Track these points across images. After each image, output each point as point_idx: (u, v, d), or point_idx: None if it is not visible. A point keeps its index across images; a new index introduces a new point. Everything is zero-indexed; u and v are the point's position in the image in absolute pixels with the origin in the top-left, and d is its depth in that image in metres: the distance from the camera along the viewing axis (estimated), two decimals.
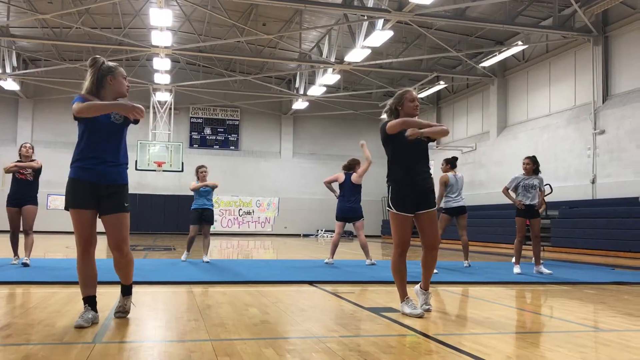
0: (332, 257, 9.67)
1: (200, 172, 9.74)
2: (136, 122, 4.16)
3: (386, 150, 4.92)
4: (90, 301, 4.05)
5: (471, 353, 3.31)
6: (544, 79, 19.77)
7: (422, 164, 4.83)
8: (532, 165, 8.56)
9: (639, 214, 10.90)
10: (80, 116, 3.94)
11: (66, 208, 4.08)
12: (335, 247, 9.76)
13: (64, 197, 4.10)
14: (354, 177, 9.65)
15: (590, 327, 4.53)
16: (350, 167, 9.76)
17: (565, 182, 17.50)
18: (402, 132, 4.75)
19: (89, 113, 3.93)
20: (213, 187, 9.77)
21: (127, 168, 4.22)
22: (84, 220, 4.01)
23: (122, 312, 4.26)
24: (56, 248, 14.25)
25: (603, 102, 16.76)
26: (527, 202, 8.46)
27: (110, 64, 4.22)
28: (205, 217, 9.62)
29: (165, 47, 19.05)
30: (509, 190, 8.68)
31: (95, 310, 4.06)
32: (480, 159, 22.97)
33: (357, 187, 9.72)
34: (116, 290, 4.51)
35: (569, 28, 17.20)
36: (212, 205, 9.79)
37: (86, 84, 4.16)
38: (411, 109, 4.81)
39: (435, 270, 5.35)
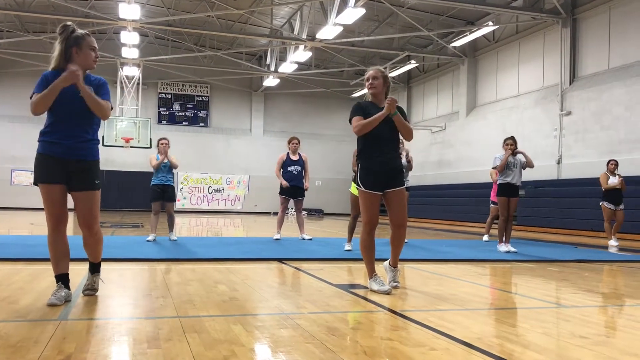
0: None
1: (161, 143, 9.08)
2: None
3: None
4: (62, 279, 3.95)
5: (437, 329, 3.38)
6: (514, 60, 19.96)
7: (392, 143, 4.86)
8: (515, 145, 8.74)
9: (601, 194, 11.18)
10: (37, 112, 3.75)
11: (35, 183, 3.96)
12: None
13: (29, 173, 4.00)
14: None
15: (552, 303, 4.66)
16: None
17: None
18: (371, 112, 4.77)
19: (45, 106, 3.77)
20: (173, 167, 9.12)
21: (97, 144, 4.06)
22: (54, 195, 3.88)
23: (90, 290, 4.19)
24: (21, 225, 13.97)
25: (570, 84, 17.02)
26: (508, 181, 8.63)
27: (79, 33, 3.94)
28: (167, 195, 9.09)
29: (133, 21, 18.62)
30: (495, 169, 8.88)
31: (68, 288, 3.98)
32: (450, 139, 23.18)
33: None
34: (84, 268, 4.44)
35: (539, 9, 17.36)
36: (173, 181, 9.21)
37: (55, 54, 3.93)
38: (366, 87, 4.92)
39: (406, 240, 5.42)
